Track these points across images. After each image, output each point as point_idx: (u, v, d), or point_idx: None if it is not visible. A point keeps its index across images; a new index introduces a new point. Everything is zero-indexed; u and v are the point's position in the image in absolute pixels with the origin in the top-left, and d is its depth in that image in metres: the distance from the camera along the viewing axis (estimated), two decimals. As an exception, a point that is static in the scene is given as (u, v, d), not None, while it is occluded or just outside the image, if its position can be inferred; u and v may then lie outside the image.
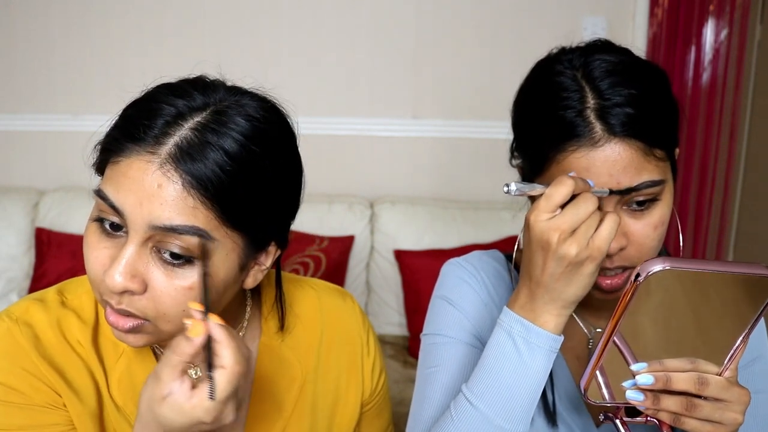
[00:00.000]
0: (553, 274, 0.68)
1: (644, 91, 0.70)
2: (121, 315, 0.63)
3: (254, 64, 2.46)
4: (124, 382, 0.71)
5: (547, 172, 0.73)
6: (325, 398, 0.83)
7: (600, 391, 0.68)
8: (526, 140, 0.77)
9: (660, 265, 0.58)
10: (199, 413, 0.57)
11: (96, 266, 0.63)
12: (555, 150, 0.71)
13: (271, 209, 0.67)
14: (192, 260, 0.62)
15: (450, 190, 2.55)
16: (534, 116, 0.75)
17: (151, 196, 0.60)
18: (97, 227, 0.64)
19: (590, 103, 0.70)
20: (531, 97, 0.77)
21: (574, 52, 0.75)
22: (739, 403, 0.64)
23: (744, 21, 2.36)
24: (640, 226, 0.71)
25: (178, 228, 0.60)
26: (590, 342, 0.85)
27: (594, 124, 0.69)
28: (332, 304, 0.87)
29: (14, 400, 0.66)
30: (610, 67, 0.71)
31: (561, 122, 0.70)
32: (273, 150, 0.66)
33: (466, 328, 0.86)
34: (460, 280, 0.89)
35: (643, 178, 0.69)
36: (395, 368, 2.09)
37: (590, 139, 0.69)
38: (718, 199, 2.54)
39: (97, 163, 0.66)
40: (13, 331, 0.68)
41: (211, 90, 0.65)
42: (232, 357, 0.58)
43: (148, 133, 0.61)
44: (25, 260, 2.35)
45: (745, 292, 0.61)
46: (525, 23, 2.44)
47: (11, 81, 2.55)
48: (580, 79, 0.72)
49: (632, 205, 0.71)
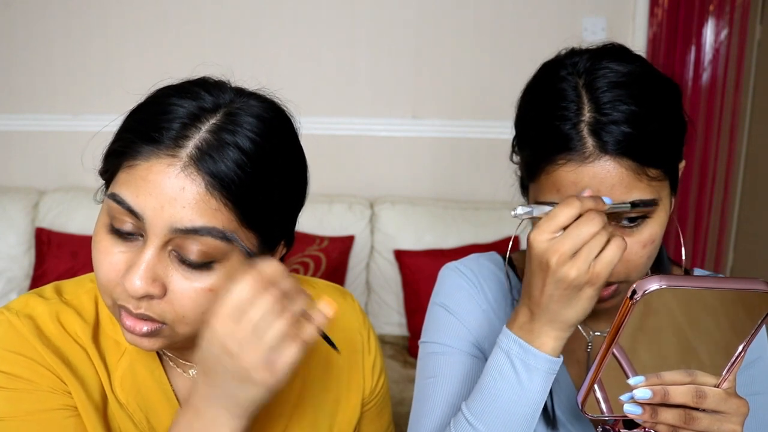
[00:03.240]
0: (552, 296, 0.67)
1: (647, 108, 0.68)
2: (138, 319, 0.62)
3: (254, 64, 2.46)
4: (127, 380, 0.71)
5: (537, 180, 0.72)
6: (326, 398, 0.83)
7: (598, 405, 0.67)
8: (524, 142, 0.77)
9: (656, 284, 0.58)
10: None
11: (110, 272, 0.62)
12: (546, 160, 0.70)
13: (283, 208, 0.68)
14: (211, 264, 0.62)
15: (450, 190, 2.55)
16: (532, 120, 0.74)
17: (174, 199, 0.59)
18: (110, 232, 0.63)
19: (586, 116, 0.68)
20: (532, 100, 0.76)
21: (583, 56, 0.73)
22: (738, 414, 0.63)
23: (744, 21, 2.36)
24: (629, 243, 0.70)
25: (200, 230, 0.60)
26: (589, 345, 0.85)
27: (586, 139, 0.68)
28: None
29: (19, 387, 0.66)
30: (616, 78, 0.69)
31: (555, 133, 0.69)
32: (283, 148, 0.66)
33: (464, 337, 0.86)
34: (458, 287, 0.88)
35: (633, 197, 0.68)
36: (395, 368, 2.09)
37: (581, 154, 0.67)
38: (718, 199, 2.54)
39: (106, 169, 0.65)
40: (14, 322, 0.68)
41: (219, 91, 0.66)
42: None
43: (165, 134, 0.61)
44: (25, 260, 2.35)
45: (742, 305, 0.61)
46: (525, 23, 2.44)
47: (11, 81, 2.55)
48: (581, 88, 0.70)
49: (622, 221, 0.70)
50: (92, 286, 0.75)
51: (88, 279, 0.76)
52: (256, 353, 0.55)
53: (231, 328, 0.55)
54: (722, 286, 0.59)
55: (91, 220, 0.66)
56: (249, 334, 0.55)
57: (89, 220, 2.29)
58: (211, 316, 0.57)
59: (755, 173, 2.58)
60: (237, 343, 0.55)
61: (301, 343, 0.57)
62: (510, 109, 0.80)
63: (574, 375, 0.84)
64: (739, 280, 0.59)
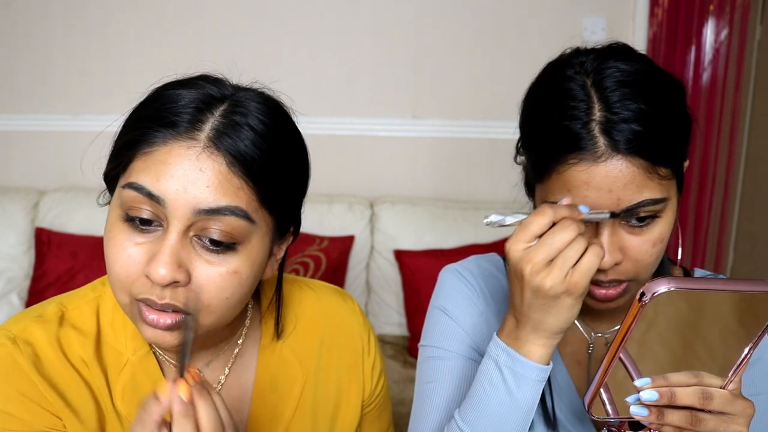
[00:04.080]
0: (531, 305, 0.66)
1: (656, 106, 0.67)
2: (162, 312, 0.62)
3: (255, 64, 2.45)
4: (129, 392, 0.71)
5: (547, 180, 0.72)
6: (327, 400, 0.82)
7: (604, 407, 0.67)
8: (531, 143, 0.76)
9: (665, 286, 0.58)
10: None
11: (129, 266, 0.61)
12: (556, 161, 0.69)
13: (294, 190, 0.69)
14: (234, 245, 0.62)
15: (450, 190, 2.55)
16: (539, 121, 0.73)
17: (196, 180, 0.60)
18: (126, 226, 0.62)
19: (596, 115, 0.67)
20: (538, 100, 0.75)
21: (589, 55, 0.72)
22: (743, 415, 0.63)
23: (744, 21, 2.36)
24: (639, 242, 0.70)
25: (222, 209, 0.60)
26: (590, 347, 0.84)
27: (598, 138, 0.67)
28: (332, 304, 0.87)
29: (14, 428, 0.65)
30: (623, 77, 0.68)
31: (565, 133, 0.68)
32: (288, 132, 0.68)
33: (464, 341, 0.85)
34: (457, 290, 0.88)
35: (644, 196, 0.67)
36: (395, 368, 2.09)
37: (593, 153, 0.67)
38: (718, 199, 2.54)
39: (115, 164, 0.65)
40: (13, 352, 0.67)
41: (220, 84, 0.67)
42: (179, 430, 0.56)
43: (182, 117, 0.61)
44: (25, 260, 2.34)
45: (749, 307, 0.60)
46: (525, 23, 2.44)
47: (11, 81, 2.55)
48: (590, 87, 0.69)
49: (632, 220, 0.69)
50: (93, 296, 0.74)
51: (89, 288, 0.75)
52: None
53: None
54: (730, 288, 0.59)
55: (92, 220, 0.66)
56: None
57: (89, 220, 2.29)
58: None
59: (755, 173, 2.58)
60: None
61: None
62: (510, 108, 0.80)
63: (574, 376, 0.84)
64: (746, 282, 0.59)
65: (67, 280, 2.21)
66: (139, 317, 0.63)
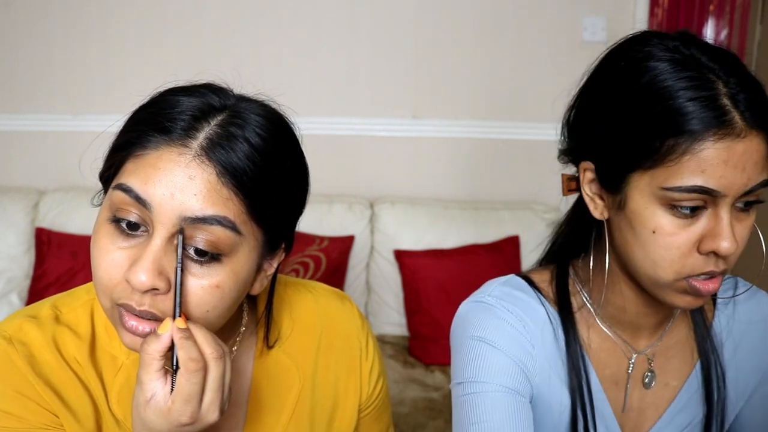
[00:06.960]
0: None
1: (758, 81, 0.64)
2: (142, 319, 0.61)
3: (255, 64, 2.46)
4: (124, 395, 0.70)
5: (670, 163, 0.63)
6: (324, 404, 0.82)
7: None
8: (619, 136, 0.67)
9: None
10: (175, 414, 0.57)
11: (111, 270, 0.61)
12: (690, 139, 0.62)
13: (288, 206, 0.69)
14: (219, 257, 0.62)
15: (450, 190, 2.55)
16: (641, 104, 0.65)
17: (184, 187, 0.59)
18: (113, 228, 0.62)
19: (722, 90, 0.62)
20: (630, 81, 0.66)
21: (663, 38, 0.67)
22: None
23: (744, 21, 2.36)
24: (740, 228, 0.66)
25: (209, 218, 0.60)
26: (630, 366, 0.79)
27: (733, 113, 0.62)
28: (330, 307, 0.86)
29: (10, 425, 0.65)
30: (720, 53, 0.64)
31: (699, 109, 0.62)
32: (288, 148, 0.67)
33: (513, 374, 0.76)
34: (500, 319, 0.78)
35: (764, 176, 0.64)
36: (395, 368, 2.09)
37: (732, 128, 0.61)
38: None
39: (109, 165, 0.65)
40: (8, 351, 0.67)
41: (223, 94, 0.67)
42: (185, 355, 0.58)
43: (177, 124, 0.61)
44: (25, 260, 2.34)
45: None
46: (525, 23, 2.44)
47: (11, 81, 2.55)
48: (704, 63, 0.63)
49: (738, 203, 0.65)
50: (88, 298, 0.73)
51: (84, 290, 0.75)
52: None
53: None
54: None
55: (92, 220, 0.66)
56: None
57: (89, 220, 2.27)
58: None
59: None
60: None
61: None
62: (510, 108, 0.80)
63: (612, 398, 0.79)
64: None
65: (67, 280, 2.21)
66: (119, 322, 0.62)
